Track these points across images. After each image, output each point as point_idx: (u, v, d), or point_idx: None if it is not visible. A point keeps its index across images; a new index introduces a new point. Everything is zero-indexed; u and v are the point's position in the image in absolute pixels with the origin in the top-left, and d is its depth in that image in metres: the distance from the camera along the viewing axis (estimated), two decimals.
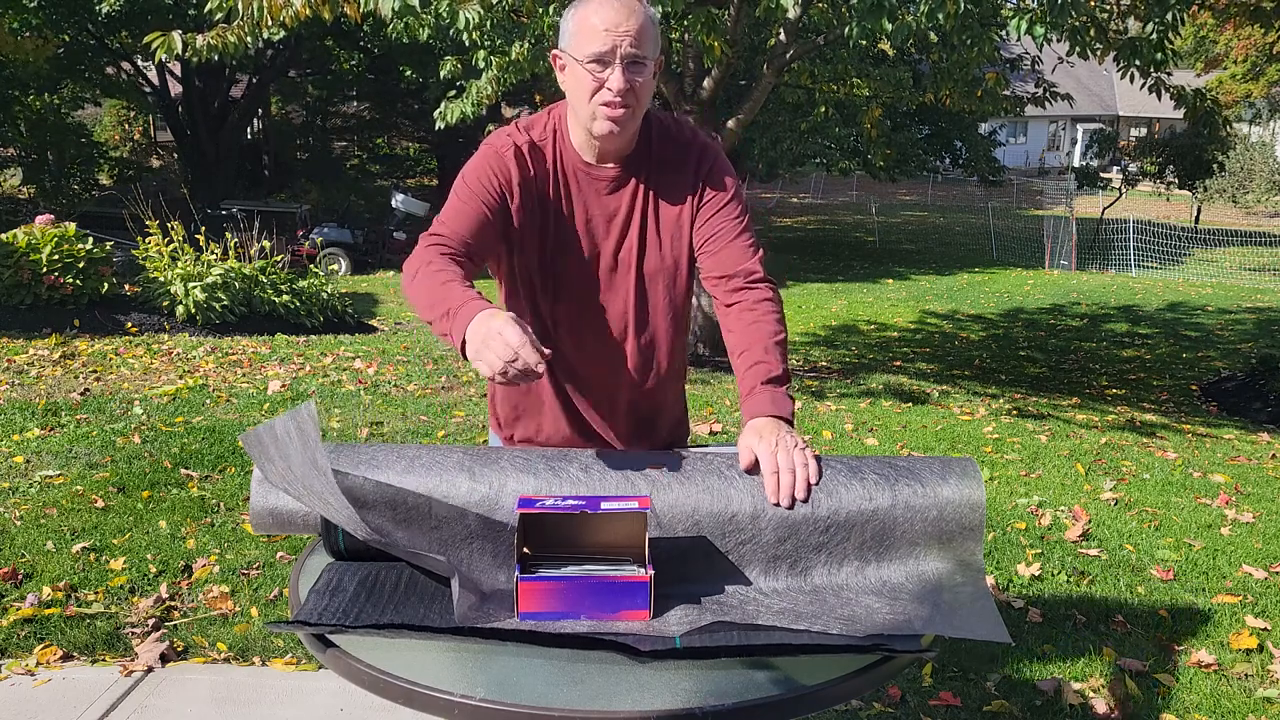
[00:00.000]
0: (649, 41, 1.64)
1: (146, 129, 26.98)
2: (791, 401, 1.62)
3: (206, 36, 5.97)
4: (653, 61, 1.66)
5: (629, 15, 1.62)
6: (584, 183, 1.74)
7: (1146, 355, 10.12)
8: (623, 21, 1.61)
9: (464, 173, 1.73)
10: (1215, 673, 2.87)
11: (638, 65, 1.63)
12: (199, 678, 2.71)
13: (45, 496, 3.92)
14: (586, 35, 1.63)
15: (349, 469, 1.51)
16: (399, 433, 5.09)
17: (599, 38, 1.61)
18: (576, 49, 1.64)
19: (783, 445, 1.51)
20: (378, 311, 10.92)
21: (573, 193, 1.74)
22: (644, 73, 1.64)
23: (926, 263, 18.53)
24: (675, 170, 1.75)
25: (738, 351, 1.70)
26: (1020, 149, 39.46)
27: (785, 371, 1.67)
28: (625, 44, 1.61)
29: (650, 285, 1.78)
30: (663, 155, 1.75)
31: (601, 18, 1.62)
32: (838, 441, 5.38)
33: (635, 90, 1.64)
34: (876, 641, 1.29)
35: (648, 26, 1.64)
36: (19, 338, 7.16)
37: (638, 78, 1.64)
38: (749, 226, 1.79)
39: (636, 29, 1.62)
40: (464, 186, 1.71)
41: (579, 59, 1.64)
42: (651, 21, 1.65)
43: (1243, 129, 26.47)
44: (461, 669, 1.27)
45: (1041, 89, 8.82)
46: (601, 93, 1.63)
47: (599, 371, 1.82)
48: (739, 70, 11.97)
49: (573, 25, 1.65)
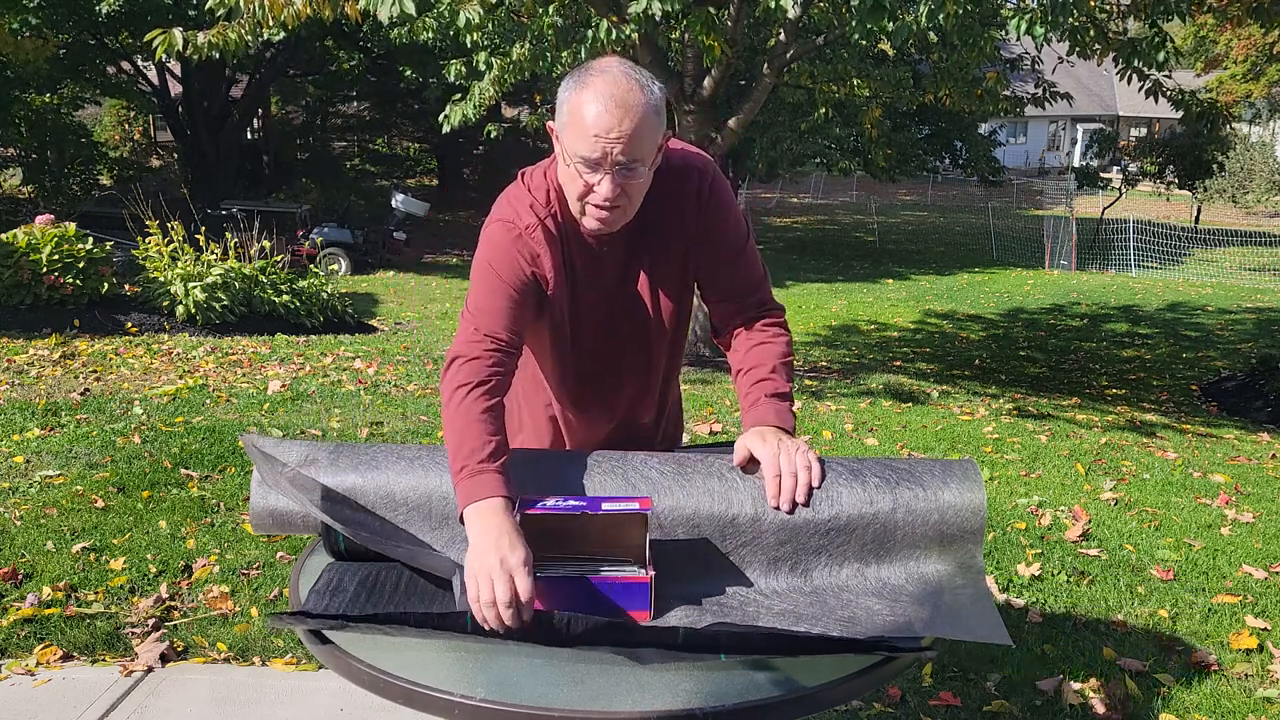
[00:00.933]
0: (647, 141, 1.51)
1: (146, 129, 26.97)
2: (794, 418, 1.61)
3: (208, 34, 5.97)
4: (652, 156, 1.54)
5: (624, 117, 1.47)
6: (585, 238, 1.66)
7: (1146, 355, 10.12)
8: (615, 126, 1.46)
9: (490, 260, 1.63)
10: (1215, 673, 2.87)
11: (631, 170, 1.51)
12: (199, 678, 2.71)
13: (45, 496, 3.92)
14: (577, 133, 1.49)
15: (349, 469, 1.51)
16: (399, 433, 5.09)
17: (589, 142, 1.48)
18: (567, 141, 1.52)
19: (785, 449, 1.51)
20: (378, 311, 10.92)
21: (575, 249, 1.66)
22: (637, 175, 1.53)
23: (926, 263, 18.53)
24: (669, 207, 1.66)
25: (745, 369, 1.68)
26: (1020, 149, 39.45)
27: (790, 392, 1.65)
28: (616, 151, 1.48)
29: (664, 320, 1.75)
30: (657, 200, 1.65)
31: (594, 119, 1.47)
32: (838, 441, 5.38)
33: (627, 192, 1.53)
34: (877, 642, 1.29)
35: (647, 122, 1.49)
36: (19, 338, 7.16)
37: (630, 181, 1.52)
38: (752, 249, 1.73)
39: (630, 133, 1.47)
40: (490, 272, 1.62)
41: (568, 154, 1.52)
42: (652, 114, 1.50)
43: (1243, 129, 26.46)
44: (461, 669, 1.27)
45: (1041, 89, 8.82)
46: (591, 195, 1.53)
47: (599, 404, 1.82)
48: (739, 70, 11.96)
49: (567, 112, 1.51)
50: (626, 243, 1.67)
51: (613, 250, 1.67)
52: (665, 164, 1.64)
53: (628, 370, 1.79)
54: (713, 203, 1.67)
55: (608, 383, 1.80)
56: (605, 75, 1.49)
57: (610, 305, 1.72)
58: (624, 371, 1.79)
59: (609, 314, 1.72)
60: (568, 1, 6.48)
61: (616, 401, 1.83)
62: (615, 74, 1.49)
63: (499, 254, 1.62)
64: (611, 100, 1.47)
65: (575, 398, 1.82)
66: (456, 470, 1.44)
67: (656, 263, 1.69)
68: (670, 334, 1.78)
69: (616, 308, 1.72)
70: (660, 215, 1.66)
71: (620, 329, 1.74)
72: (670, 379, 1.88)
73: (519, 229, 1.62)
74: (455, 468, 1.44)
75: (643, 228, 1.65)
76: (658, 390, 1.86)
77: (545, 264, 1.63)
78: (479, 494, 1.40)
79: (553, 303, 1.67)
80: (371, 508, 1.49)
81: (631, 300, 1.72)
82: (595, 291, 1.69)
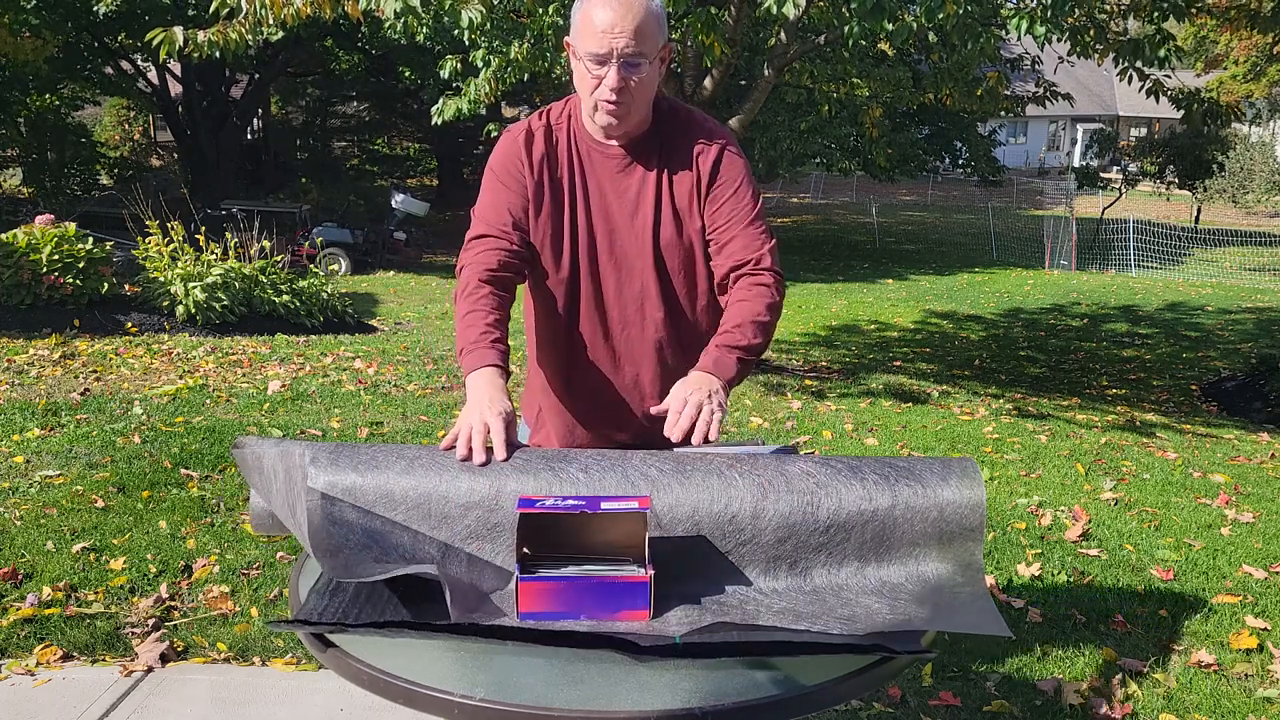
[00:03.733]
0: (649, 38, 1.68)
1: (146, 129, 26.98)
2: (738, 367, 1.68)
3: (208, 33, 5.96)
4: (655, 55, 1.70)
5: (626, 13, 1.65)
6: (597, 161, 1.80)
7: (1146, 355, 10.12)
8: (619, 21, 1.65)
9: (489, 164, 1.83)
10: (1215, 673, 2.87)
11: (634, 64, 1.67)
12: (199, 678, 2.70)
13: (45, 496, 3.92)
14: (586, 33, 1.68)
15: (349, 469, 1.51)
16: (399, 433, 5.09)
17: (596, 38, 1.66)
18: (579, 44, 1.70)
19: (695, 392, 1.60)
20: (378, 311, 10.91)
21: (587, 171, 1.80)
22: (641, 70, 1.69)
23: (926, 263, 18.53)
24: (686, 153, 1.79)
25: (723, 320, 1.76)
26: (1020, 149, 39.44)
27: (750, 345, 1.70)
28: (621, 43, 1.65)
29: (668, 261, 1.81)
30: (673, 140, 1.79)
31: (601, 17, 1.66)
32: (838, 441, 5.38)
33: (631, 88, 1.69)
34: (876, 641, 1.29)
35: (648, 22, 1.67)
36: (19, 338, 7.15)
37: (634, 76, 1.68)
38: (760, 215, 1.82)
39: (634, 28, 1.65)
40: (491, 176, 1.81)
41: (579, 55, 1.70)
42: (653, 15, 1.68)
43: (1242, 129, 26.44)
44: (461, 669, 1.27)
45: (1042, 88, 8.81)
46: (599, 90, 1.69)
47: (618, 353, 1.86)
48: (739, 70, 11.97)
49: (578, 19, 1.70)
50: (644, 167, 1.79)
51: (628, 173, 1.79)
52: (694, 118, 1.82)
53: (650, 323, 1.83)
54: (734, 164, 1.80)
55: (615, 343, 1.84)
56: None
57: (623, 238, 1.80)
58: (646, 323, 1.83)
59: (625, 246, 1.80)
60: (568, 1, 6.48)
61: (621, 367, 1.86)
62: None
63: (494, 156, 1.82)
64: (617, 1, 1.65)
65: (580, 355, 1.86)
66: (459, 351, 1.67)
67: (671, 200, 1.79)
68: (688, 284, 1.83)
69: (624, 245, 1.80)
70: (682, 153, 1.79)
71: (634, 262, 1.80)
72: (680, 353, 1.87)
73: (520, 131, 1.80)
74: (459, 349, 1.68)
75: (662, 157, 1.79)
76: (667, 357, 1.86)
77: (526, 162, 1.78)
78: (474, 365, 1.63)
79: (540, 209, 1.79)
80: (371, 507, 1.49)
81: (640, 237, 1.79)
82: (604, 222, 1.80)
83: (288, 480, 1.51)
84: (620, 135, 1.77)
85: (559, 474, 1.50)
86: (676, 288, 1.83)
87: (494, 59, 6.85)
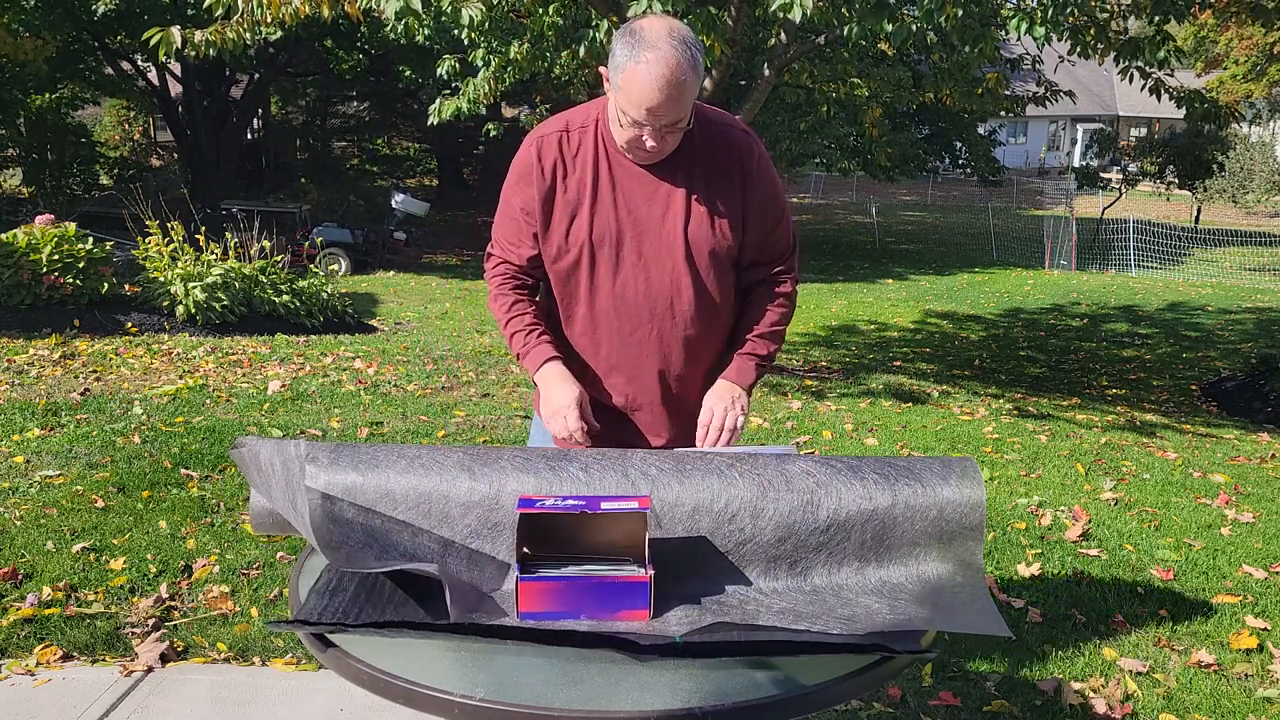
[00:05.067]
0: (688, 105, 1.67)
1: (146, 129, 26.97)
2: (757, 373, 1.90)
3: (205, 33, 5.96)
4: (690, 111, 1.70)
5: (677, 98, 1.62)
6: (626, 164, 1.80)
7: (1146, 355, 10.11)
8: (664, 104, 1.62)
9: (507, 183, 1.87)
10: (1215, 673, 2.87)
11: (674, 128, 1.70)
12: (199, 678, 2.70)
13: (45, 496, 3.92)
14: (629, 101, 1.65)
15: (349, 468, 1.51)
16: (399, 433, 5.09)
17: (639, 112, 1.65)
18: (620, 99, 1.67)
19: (720, 402, 1.84)
20: (378, 311, 10.91)
21: (614, 170, 1.80)
22: (679, 130, 1.71)
23: (926, 263, 18.52)
24: (717, 154, 1.80)
25: (744, 328, 1.90)
26: (1020, 149, 39.44)
27: (769, 353, 1.93)
28: (665, 121, 1.66)
29: (697, 259, 1.82)
30: (707, 149, 1.80)
31: (646, 96, 1.62)
32: (838, 441, 5.38)
33: (667, 143, 1.73)
34: (876, 641, 1.29)
35: (689, 93, 1.64)
36: (19, 338, 7.15)
37: (671, 135, 1.71)
38: (788, 217, 1.90)
39: (679, 103, 1.64)
40: (504, 200, 1.87)
41: (619, 109, 1.68)
42: (695, 81, 1.65)
43: (1242, 129, 26.43)
44: (461, 669, 1.27)
45: (1043, 88, 8.81)
46: (635, 141, 1.71)
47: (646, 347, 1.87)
48: (739, 70, 11.96)
49: (621, 79, 1.65)
50: (674, 168, 1.79)
51: (657, 173, 1.80)
52: (723, 118, 1.84)
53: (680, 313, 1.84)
54: (765, 172, 1.86)
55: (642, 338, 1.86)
56: (657, 51, 1.60)
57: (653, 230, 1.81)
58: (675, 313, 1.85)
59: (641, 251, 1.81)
60: (568, 1, 6.48)
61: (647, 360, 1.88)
62: (665, 51, 1.60)
63: (513, 175, 1.85)
64: (664, 79, 1.60)
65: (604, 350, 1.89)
66: (517, 356, 1.89)
67: (702, 199, 1.80)
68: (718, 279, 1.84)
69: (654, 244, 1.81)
70: (714, 153, 1.80)
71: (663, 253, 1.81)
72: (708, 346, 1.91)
73: (540, 136, 1.81)
74: (515, 354, 1.89)
75: (693, 158, 1.79)
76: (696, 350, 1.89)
77: (538, 173, 1.79)
78: (537, 361, 1.84)
79: (558, 214, 1.81)
80: (371, 506, 1.49)
81: (671, 236, 1.80)
82: (632, 222, 1.80)
83: (286, 473, 1.50)
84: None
85: (559, 473, 1.50)
86: (707, 284, 1.84)
87: (494, 59, 6.85)
